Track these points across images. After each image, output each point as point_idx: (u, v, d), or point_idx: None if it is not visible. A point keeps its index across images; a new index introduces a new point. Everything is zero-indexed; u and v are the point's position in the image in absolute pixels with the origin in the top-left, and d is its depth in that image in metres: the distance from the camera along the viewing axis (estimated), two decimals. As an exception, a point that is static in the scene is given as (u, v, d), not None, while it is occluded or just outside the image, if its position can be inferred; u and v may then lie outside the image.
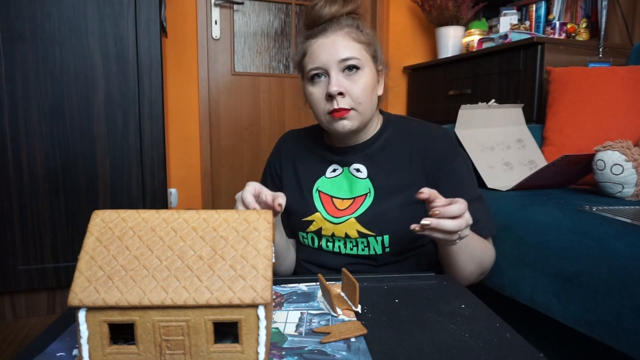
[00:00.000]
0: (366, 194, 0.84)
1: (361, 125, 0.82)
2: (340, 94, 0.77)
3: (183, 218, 0.45)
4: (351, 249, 0.84)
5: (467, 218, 0.64)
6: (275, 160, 0.97)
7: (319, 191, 0.89)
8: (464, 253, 0.75)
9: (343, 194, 0.87)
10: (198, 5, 2.20)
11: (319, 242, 0.87)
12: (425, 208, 0.82)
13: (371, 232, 0.81)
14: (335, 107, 0.77)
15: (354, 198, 0.85)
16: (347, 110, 0.78)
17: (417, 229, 0.62)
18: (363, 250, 0.83)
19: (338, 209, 0.85)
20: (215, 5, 2.25)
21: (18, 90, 1.36)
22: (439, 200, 0.64)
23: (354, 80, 0.78)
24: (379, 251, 0.82)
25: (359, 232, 0.82)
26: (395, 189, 0.83)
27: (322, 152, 0.91)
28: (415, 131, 0.87)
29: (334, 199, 0.87)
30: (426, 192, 0.63)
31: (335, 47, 0.77)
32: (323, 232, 0.86)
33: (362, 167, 0.86)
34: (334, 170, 0.89)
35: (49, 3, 1.36)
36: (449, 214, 0.62)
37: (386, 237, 0.81)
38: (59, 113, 1.40)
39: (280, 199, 0.67)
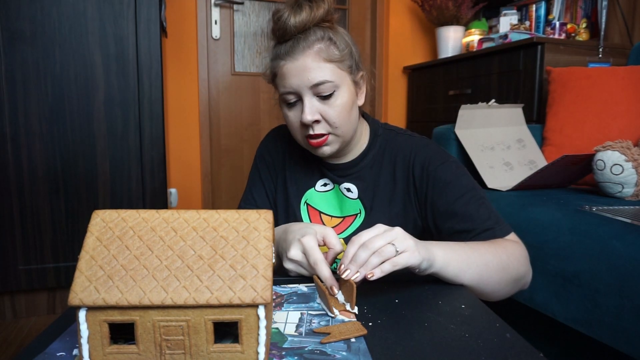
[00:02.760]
0: (356, 215, 0.82)
1: (342, 146, 0.78)
2: (316, 121, 0.73)
3: (183, 218, 0.45)
4: (335, 268, 0.82)
5: (384, 235, 0.57)
6: (273, 154, 0.90)
7: (308, 204, 0.85)
8: (456, 269, 0.62)
9: (333, 211, 0.84)
10: (198, 5, 2.20)
11: None
12: (414, 231, 0.80)
13: None
14: (312, 133, 0.74)
15: (344, 217, 0.83)
16: (325, 136, 0.74)
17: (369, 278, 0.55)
18: None
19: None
20: (215, 5, 2.25)
21: (18, 90, 1.36)
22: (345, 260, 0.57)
23: (329, 104, 0.73)
24: None
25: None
26: (383, 210, 0.80)
27: (313, 162, 0.86)
28: (399, 148, 0.82)
29: (322, 214, 0.84)
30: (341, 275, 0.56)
31: (306, 71, 0.71)
32: None
33: (353, 187, 0.83)
34: (325, 185, 0.85)
35: (49, 3, 1.36)
36: (349, 257, 0.56)
37: None
38: (59, 113, 1.40)
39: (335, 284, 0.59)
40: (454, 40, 2.36)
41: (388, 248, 0.55)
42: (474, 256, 0.65)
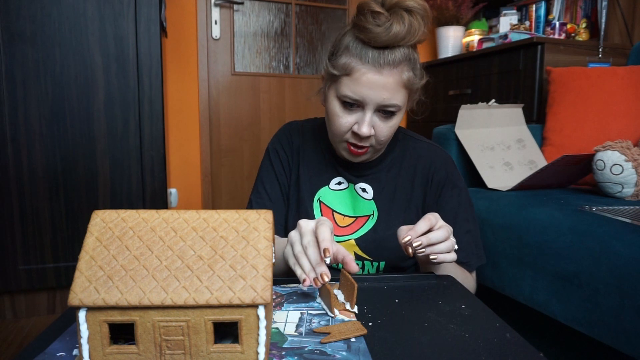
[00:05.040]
0: (369, 216, 0.82)
1: (371, 158, 0.81)
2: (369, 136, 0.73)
3: (183, 218, 0.45)
4: (342, 267, 0.83)
5: (454, 241, 0.64)
6: (287, 150, 0.88)
7: (321, 202, 0.85)
8: (450, 270, 0.74)
9: (346, 210, 0.84)
10: (198, 5, 2.20)
11: None
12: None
13: (369, 257, 0.81)
14: (358, 143, 0.74)
15: (357, 217, 0.83)
16: (367, 148, 0.75)
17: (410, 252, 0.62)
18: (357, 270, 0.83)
19: (338, 226, 0.83)
20: (215, 5, 2.25)
21: (18, 91, 1.36)
22: (421, 227, 0.62)
23: (385, 122, 0.73)
24: (372, 272, 0.82)
25: (356, 254, 0.81)
26: (397, 214, 0.82)
27: (328, 159, 0.86)
28: (420, 154, 0.84)
29: (335, 213, 0.84)
30: (404, 233, 0.62)
31: (384, 90, 0.69)
32: None
33: (369, 188, 0.83)
34: (339, 184, 0.85)
35: (49, 3, 1.36)
36: (435, 241, 0.62)
37: (382, 263, 0.81)
38: (59, 113, 1.40)
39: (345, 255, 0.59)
40: (454, 40, 2.36)
41: (452, 240, 0.63)
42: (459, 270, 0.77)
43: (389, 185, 0.83)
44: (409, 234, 0.61)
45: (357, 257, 0.81)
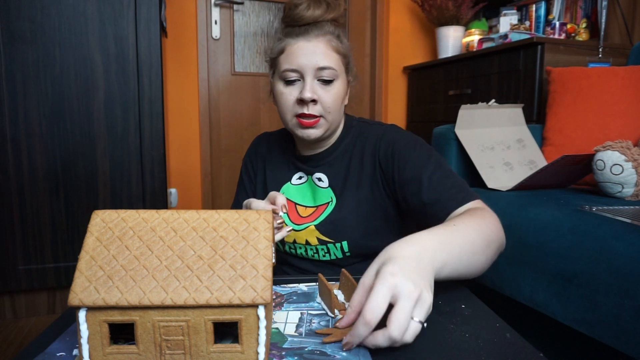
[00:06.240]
0: (328, 203, 0.85)
1: (326, 134, 0.83)
2: (313, 101, 0.77)
3: (183, 218, 0.45)
4: (312, 255, 0.85)
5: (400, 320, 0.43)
6: (253, 160, 0.98)
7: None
8: (451, 269, 0.55)
9: (307, 201, 0.88)
10: (198, 5, 2.20)
11: (282, 247, 0.90)
12: (383, 213, 0.83)
13: (330, 239, 0.83)
14: (306, 112, 0.78)
15: (317, 206, 0.86)
16: (317, 118, 0.79)
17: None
18: (324, 256, 0.84)
19: (300, 216, 0.87)
20: (215, 5, 2.25)
21: (18, 90, 1.36)
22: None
23: (327, 89, 0.79)
24: (340, 256, 0.83)
25: (318, 239, 0.83)
26: (351, 194, 0.83)
27: (289, 158, 0.93)
28: (368, 134, 0.86)
29: (297, 206, 0.88)
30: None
31: (316, 53, 0.77)
32: (285, 238, 0.87)
33: (324, 177, 0.87)
34: (300, 178, 0.91)
35: (49, 3, 1.36)
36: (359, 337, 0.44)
37: (344, 243, 0.82)
38: (59, 113, 1.40)
39: (280, 198, 0.72)
40: (454, 40, 2.36)
41: (404, 324, 0.43)
42: (461, 244, 0.57)
43: (341, 170, 0.86)
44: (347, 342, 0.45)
45: (320, 242, 0.83)
